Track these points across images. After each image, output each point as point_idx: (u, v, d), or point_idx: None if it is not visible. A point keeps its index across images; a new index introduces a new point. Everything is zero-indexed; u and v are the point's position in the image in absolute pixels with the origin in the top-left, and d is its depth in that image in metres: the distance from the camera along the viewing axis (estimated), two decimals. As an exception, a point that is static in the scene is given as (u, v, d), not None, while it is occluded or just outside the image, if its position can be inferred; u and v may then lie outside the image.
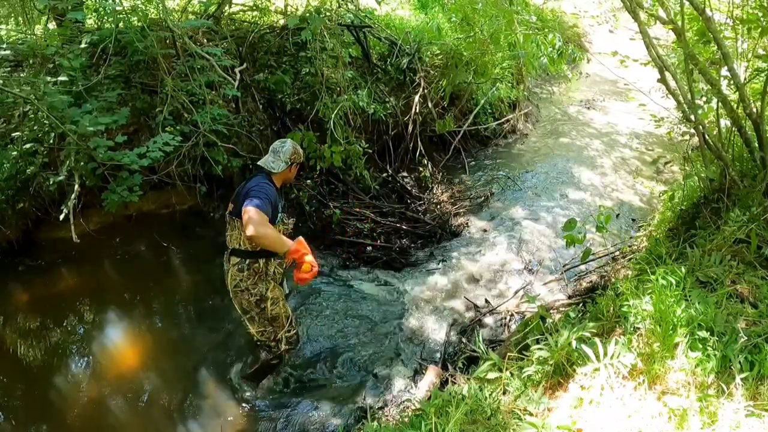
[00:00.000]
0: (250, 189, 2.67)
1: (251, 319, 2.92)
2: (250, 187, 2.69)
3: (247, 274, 2.78)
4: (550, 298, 3.97)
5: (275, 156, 2.81)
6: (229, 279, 2.83)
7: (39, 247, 4.12)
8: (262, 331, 2.96)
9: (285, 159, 2.80)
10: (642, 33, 3.18)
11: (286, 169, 2.83)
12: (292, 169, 2.90)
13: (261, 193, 2.61)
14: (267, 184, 2.73)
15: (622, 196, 5.72)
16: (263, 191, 2.63)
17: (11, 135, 3.84)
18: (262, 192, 2.62)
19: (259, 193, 2.61)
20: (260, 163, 2.83)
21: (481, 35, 5.67)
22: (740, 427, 1.78)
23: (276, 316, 2.93)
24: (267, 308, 2.88)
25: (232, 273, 2.80)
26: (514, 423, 1.96)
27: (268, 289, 2.85)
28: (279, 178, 2.86)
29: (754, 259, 2.71)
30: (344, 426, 2.92)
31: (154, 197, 4.56)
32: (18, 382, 3.19)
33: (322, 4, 4.94)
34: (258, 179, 2.76)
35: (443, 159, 6.05)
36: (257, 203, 2.53)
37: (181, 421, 2.98)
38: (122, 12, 4.08)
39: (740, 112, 3.22)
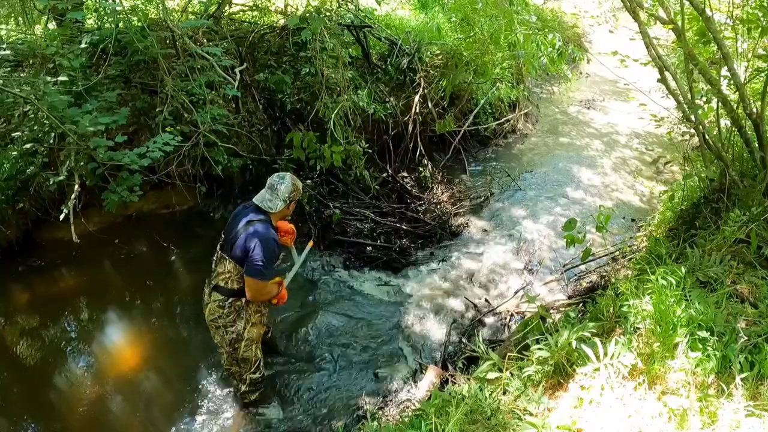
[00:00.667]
0: (251, 240, 2.48)
1: (222, 353, 2.86)
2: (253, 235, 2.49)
3: (227, 311, 2.67)
4: (550, 298, 3.97)
5: (273, 194, 2.58)
6: (207, 312, 2.74)
7: (39, 248, 4.12)
8: (229, 368, 2.89)
9: (283, 197, 2.58)
10: (642, 33, 3.18)
11: (283, 208, 2.61)
12: (290, 206, 2.68)
13: (266, 256, 2.47)
14: (268, 233, 2.52)
15: (622, 196, 5.71)
16: (268, 250, 2.48)
17: (11, 135, 3.85)
18: (267, 252, 2.47)
19: (264, 257, 2.46)
20: (256, 201, 2.59)
21: (481, 35, 5.66)
22: (740, 427, 1.78)
23: (246, 359, 2.81)
24: (240, 348, 2.75)
25: (211, 308, 2.71)
26: (514, 423, 1.96)
27: (246, 329, 2.72)
28: (276, 216, 2.66)
29: (754, 259, 2.71)
30: (344, 426, 2.92)
31: (154, 197, 4.57)
32: (18, 381, 3.19)
33: (322, 4, 4.94)
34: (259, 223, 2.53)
35: (443, 159, 6.05)
36: (263, 274, 2.49)
37: (181, 421, 2.98)
38: (122, 12, 4.07)
39: (740, 112, 3.22)
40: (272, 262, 2.55)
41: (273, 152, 4.96)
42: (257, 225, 2.53)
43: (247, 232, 2.52)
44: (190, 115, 4.14)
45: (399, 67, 5.64)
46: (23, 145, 3.77)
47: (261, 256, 2.47)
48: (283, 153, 4.89)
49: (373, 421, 2.56)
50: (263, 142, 4.84)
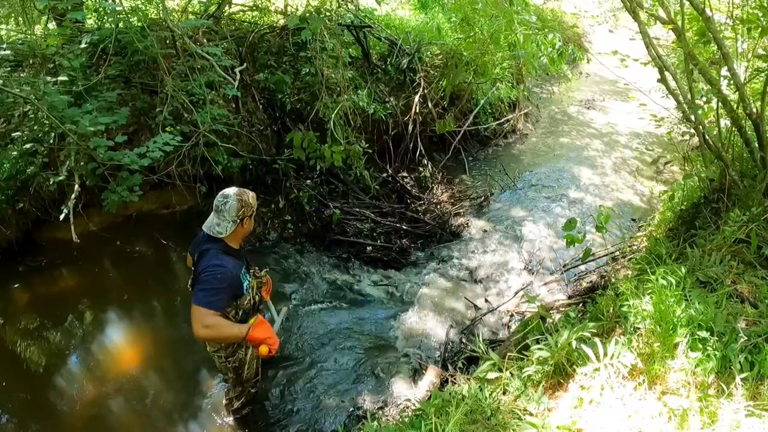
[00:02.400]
0: (199, 271, 2.28)
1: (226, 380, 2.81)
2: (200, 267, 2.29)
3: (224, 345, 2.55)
4: (550, 298, 3.97)
5: (219, 217, 2.33)
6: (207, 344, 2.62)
7: (39, 247, 4.12)
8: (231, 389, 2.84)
9: (231, 218, 2.32)
10: (642, 33, 3.18)
11: (236, 228, 2.36)
12: (245, 223, 2.40)
13: (210, 281, 2.24)
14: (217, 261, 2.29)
15: (622, 196, 5.71)
16: (212, 275, 2.25)
17: (11, 135, 3.85)
18: (211, 277, 2.24)
19: (207, 282, 2.24)
20: (204, 228, 2.36)
21: (481, 35, 5.67)
22: (740, 427, 1.78)
23: (249, 378, 2.75)
24: (243, 373, 2.69)
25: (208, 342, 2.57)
26: (514, 423, 1.96)
27: (248, 354, 2.63)
28: (232, 238, 2.40)
29: (754, 259, 2.71)
30: (344, 426, 2.92)
31: (154, 197, 4.57)
32: (18, 381, 3.19)
33: (322, 4, 4.94)
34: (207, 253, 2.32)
35: (443, 159, 6.05)
36: (203, 300, 2.21)
37: (181, 421, 2.98)
38: (122, 12, 4.07)
39: (740, 112, 3.22)
40: (218, 287, 2.26)
41: (273, 152, 4.96)
42: (206, 255, 2.32)
43: (199, 265, 2.32)
44: (190, 115, 4.14)
45: (399, 67, 5.64)
46: (23, 145, 3.77)
47: (203, 282, 2.24)
48: (283, 153, 4.89)
49: (373, 421, 2.56)
50: (263, 142, 4.84)
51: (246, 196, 2.39)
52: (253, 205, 2.43)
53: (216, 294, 2.25)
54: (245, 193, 2.40)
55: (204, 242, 2.37)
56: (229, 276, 2.31)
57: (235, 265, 2.37)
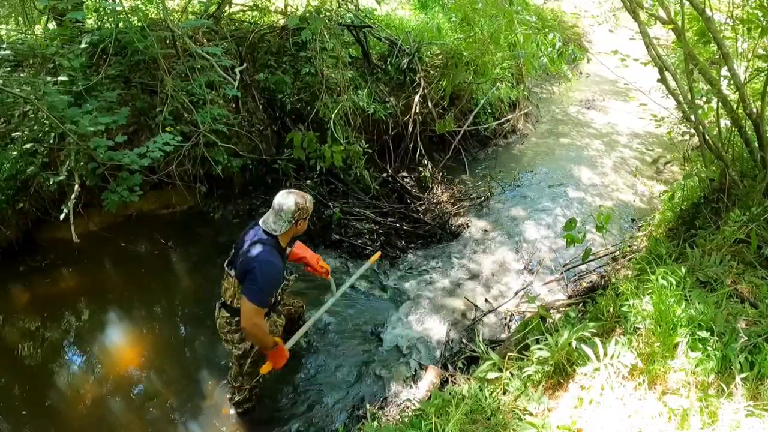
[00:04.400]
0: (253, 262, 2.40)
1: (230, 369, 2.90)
2: (254, 258, 2.41)
3: (234, 329, 2.65)
4: (550, 298, 3.97)
5: (276, 216, 2.47)
6: (218, 324, 2.74)
7: (39, 247, 4.12)
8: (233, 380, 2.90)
9: (287, 218, 2.46)
10: (642, 33, 3.18)
11: (290, 228, 2.49)
12: (299, 225, 2.53)
13: (264, 281, 2.39)
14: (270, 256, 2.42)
15: (622, 196, 5.71)
16: (267, 275, 2.40)
17: (11, 135, 3.85)
18: (265, 278, 2.39)
19: (262, 281, 2.38)
20: (261, 224, 2.51)
21: (481, 35, 5.66)
22: (740, 427, 1.78)
23: (250, 373, 2.80)
24: (245, 365, 2.75)
25: (220, 322, 2.71)
26: (514, 423, 1.96)
27: (254, 348, 2.69)
28: (284, 237, 2.54)
29: (754, 259, 2.71)
30: (344, 426, 2.92)
31: (154, 197, 4.57)
32: (18, 381, 3.19)
33: (322, 4, 4.94)
34: (262, 245, 2.45)
35: (443, 159, 6.04)
36: (258, 299, 2.38)
37: (181, 421, 2.98)
38: (122, 12, 4.07)
39: (740, 112, 3.22)
40: (270, 288, 2.45)
41: (273, 152, 4.96)
42: (260, 247, 2.45)
43: (249, 253, 2.45)
44: (190, 115, 4.14)
45: (399, 67, 5.64)
46: (23, 145, 3.77)
47: (258, 279, 2.38)
48: (283, 153, 4.89)
49: (373, 421, 2.56)
50: (263, 142, 4.84)
51: (304, 200, 2.50)
52: (310, 209, 2.54)
53: (269, 294, 2.47)
54: (304, 197, 2.51)
55: (258, 232, 2.51)
56: (279, 275, 2.51)
57: (281, 264, 2.52)
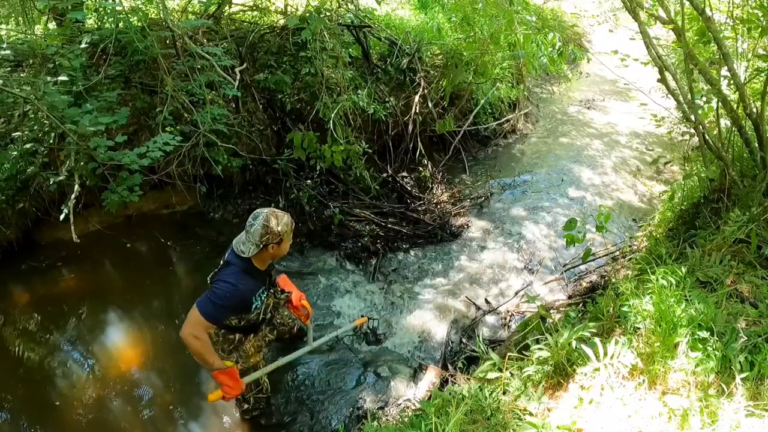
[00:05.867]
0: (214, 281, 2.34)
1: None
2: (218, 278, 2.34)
3: (222, 340, 2.56)
4: (550, 298, 3.97)
5: (246, 236, 2.32)
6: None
7: (39, 247, 4.12)
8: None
9: (254, 241, 2.29)
10: (642, 33, 3.18)
11: (259, 252, 2.31)
12: (271, 249, 2.33)
13: (219, 297, 2.27)
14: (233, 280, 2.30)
15: (622, 196, 5.71)
16: (221, 294, 2.27)
17: (11, 135, 3.85)
18: (219, 296, 2.27)
19: (214, 298, 2.27)
20: (233, 243, 2.39)
21: (481, 35, 5.66)
22: (740, 427, 1.78)
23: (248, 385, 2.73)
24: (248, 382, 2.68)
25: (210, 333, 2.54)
26: (514, 423, 1.96)
27: (239, 363, 2.59)
28: (257, 259, 2.37)
29: (754, 259, 2.71)
30: (344, 426, 2.92)
31: (154, 197, 4.57)
32: (18, 381, 3.19)
33: (322, 4, 4.94)
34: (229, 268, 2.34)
35: (443, 159, 6.04)
36: (206, 310, 2.24)
37: (182, 421, 2.99)
38: (122, 12, 4.07)
39: (740, 112, 3.22)
40: (224, 307, 2.29)
41: (273, 152, 4.96)
42: (227, 269, 2.35)
43: (218, 273, 2.38)
44: (190, 115, 4.14)
45: (399, 67, 5.64)
46: (23, 145, 3.77)
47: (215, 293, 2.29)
48: (283, 153, 4.89)
49: (373, 421, 2.56)
50: (263, 142, 4.84)
51: (273, 223, 2.29)
52: (281, 233, 2.32)
53: (220, 310, 2.30)
54: (274, 219, 2.30)
55: (230, 255, 2.39)
56: (239, 298, 2.33)
57: (251, 287, 2.37)
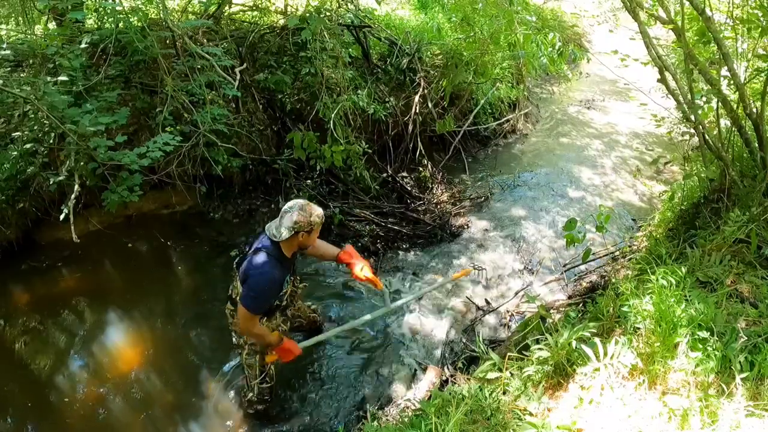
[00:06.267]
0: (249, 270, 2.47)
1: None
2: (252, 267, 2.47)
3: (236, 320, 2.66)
4: (550, 298, 3.97)
5: (280, 221, 2.47)
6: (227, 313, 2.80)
7: (39, 247, 4.12)
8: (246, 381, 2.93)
9: (288, 226, 2.43)
10: (642, 33, 3.18)
11: (291, 237, 2.46)
12: (301, 237, 2.48)
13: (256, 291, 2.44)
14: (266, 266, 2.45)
15: (622, 196, 5.71)
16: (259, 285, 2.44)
17: (11, 135, 3.85)
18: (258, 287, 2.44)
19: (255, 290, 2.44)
20: (266, 229, 2.53)
21: (481, 35, 5.66)
22: (740, 427, 1.78)
23: (250, 365, 2.82)
24: (242, 355, 2.80)
25: (227, 313, 2.77)
26: (514, 423, 1.96)
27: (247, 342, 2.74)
28: (286, 246, 2.52)
29: (754, 259, 2.71)
30: (344, 426, 2.92)
31: (154, 197, 4.57)
32: (18, 381, 3.19)
33: (322, 4, 4.94)
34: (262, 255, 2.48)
35: (443, 159, 6.04)
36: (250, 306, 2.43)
37: (182, 422, 2.98)
38: (122, 12, 4.07)
39: (740, 112, 3.22)
40: (262, 297, 2.47)
41: (273, 152, 4.96)
42: (260, 256, 2.47)
43: (250, 260, 2.50)
44: (190, 115, 4.14)
45: (399, 67, 5.64)
46: (23, 145, 3.77)
47: (252, 288, 2.44)
48: (283, 153, 4.89)
49: (373, 421, 2.56)
50: (263, 142, 4.84)
51: (307, 212, 2.44)
52: (313, 223, 2.47)
53: (261, 301, 2.49)
54: (309, 211, 2.46)
55: (263, 241, 2.54)
56: (277, 285, 2.53)
57: (283, 274, 2.55)
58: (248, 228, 4.57)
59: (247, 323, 2.48)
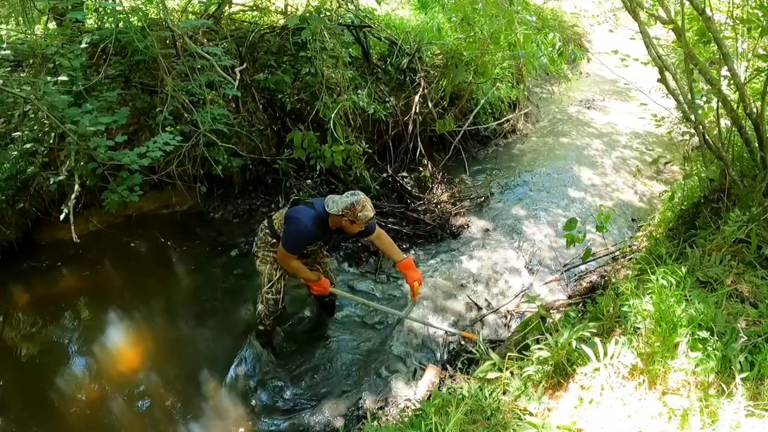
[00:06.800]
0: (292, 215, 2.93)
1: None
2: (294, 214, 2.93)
3: (262, 236, 3.19)
4: (550, 298, 3.97)
5: (340, 199, 2.87)
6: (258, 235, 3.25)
7: (39, 247, 4.12)
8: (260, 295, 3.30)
9: (339, 206, 2.84)
10: (642, 33, 3.18)
11: (337, 216, 2.86)
12: (344, 222, 2.87)
13: (291, 234, 2.93)
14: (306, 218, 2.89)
15: (622, 196, 5.71)
16: (293, 230, 2.92)
17: (11, 135, 3.85)
18: (292, 232, 2.93)
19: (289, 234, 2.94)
20: (326, 198, 2.94)
21: (481, 35, 5.66)
22: (740, 427, 1.78)
23: (260, 272, 3.20)
24: (255, 262, 3.23)
25: (260, 235, 3.22)
26: (514, 423, 1.96)
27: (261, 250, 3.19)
28: (333, 220, 2.93)
29: (754, 259, 2.71)
30: (344, 426, 2.92)
31: (154, 197, 4.57)
32: (18, 381, 3.19)
33: (322, 4, 4.94)
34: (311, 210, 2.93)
35: (443, 159, 6.04)
36: (286, 245, 2.94)
37: (182, 422, 2.98)
38: (122, 12, 4.07)
39: (740, 112, 3.22)
40: (295, 241, 2.94)
41: (273, 152, 4.96)
42: (308, 210, 2.93)
43: (299, 208, 2.97)
44: (190, 115, 4.14)
45: (399, 67, 5.64)
46: (23, 145, 3.77)
47: (288, 231, 2.94)
48: (283, 153, 4.89)
49: (373, 420, 2.56)
50: (263, 142, 4.84)
51: (358, 207, 2.81)
52: (357, 217, 2.82)
53: (296, 244, 2.97)
54: (360, 205, 2.81)
55: (319, 204, 2.95)
56: (308, 237, 2.96)
57: (317, 233, 2.96)
58: (248, 228, 4.56)
59: (284, 259, 3.00)
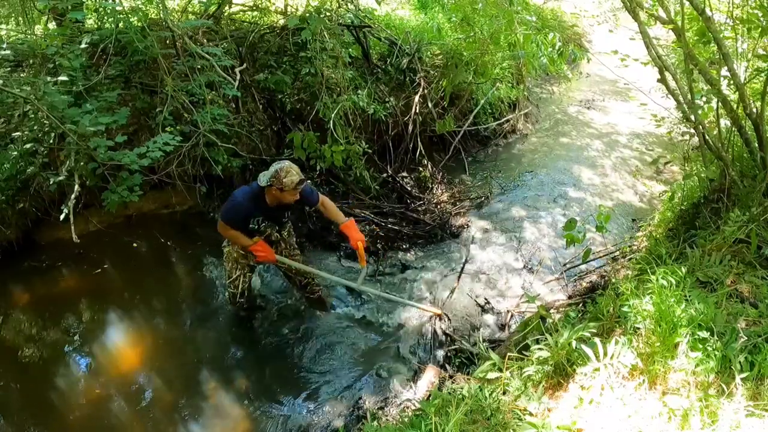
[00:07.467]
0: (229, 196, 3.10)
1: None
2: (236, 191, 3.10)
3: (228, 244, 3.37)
4: (550, 298, 3.97)
5: (268, 170, 2.98)
6: None
7: (39, 248, 4.12)
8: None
9: (267, 176, 2.95)
10: (642, 33, 3.18)
11: (268, 187, 2.97)
12: (275, 192, 2.96)
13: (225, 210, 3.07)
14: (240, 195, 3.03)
15: (622, 196, 5.71)
16: (227, 206, 3.06)
17: (11, 135, 3.85)
18: (225, 207, 3.08)
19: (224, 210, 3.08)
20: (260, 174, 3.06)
21: (481, 35, 5.66)
22: (740, 427, 1.78)
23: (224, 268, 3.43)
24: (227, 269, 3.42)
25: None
26: (514, 423, 1.96)
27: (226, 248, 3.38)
28: (268, 194, 3.04)
29: (754, 259, 2.71)
30: (344, 426, 2.92)
31: (154, 197, 4.57)
32: (19, 382, 3.19)
33: (322, 4, 4.94)
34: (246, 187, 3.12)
35: (443, 159, 6.04)
36: (222, 217, 3.08)
37: (182, 422, 2.98)
38: (122, 12, 4.07)
39: (740, 112, 3.22)
40: (227, 214, 3.05)
41: (273, 152, 4.96)
42: (244, 186, 3.12)
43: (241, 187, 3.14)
44: (190, 115, 4.14)
45: (399, 67, 5.64)
46: (23, 145, 3.77)
47: (224, 207, 3.10)
48: (283, 153, 4.88)
49: (373, 421, 2.56)
50: (263, 142, 4.84)
51: (282, 174, 2.89)
52: (283, 184, 2.89)
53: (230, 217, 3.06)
54: (284, 172, 2.90)
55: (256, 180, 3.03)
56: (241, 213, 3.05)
57: (251, 209, 3.05)
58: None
59: (221, 228, 3.11)
